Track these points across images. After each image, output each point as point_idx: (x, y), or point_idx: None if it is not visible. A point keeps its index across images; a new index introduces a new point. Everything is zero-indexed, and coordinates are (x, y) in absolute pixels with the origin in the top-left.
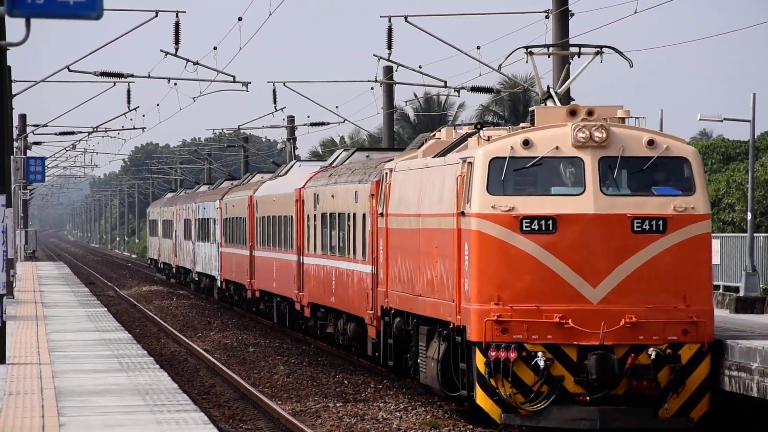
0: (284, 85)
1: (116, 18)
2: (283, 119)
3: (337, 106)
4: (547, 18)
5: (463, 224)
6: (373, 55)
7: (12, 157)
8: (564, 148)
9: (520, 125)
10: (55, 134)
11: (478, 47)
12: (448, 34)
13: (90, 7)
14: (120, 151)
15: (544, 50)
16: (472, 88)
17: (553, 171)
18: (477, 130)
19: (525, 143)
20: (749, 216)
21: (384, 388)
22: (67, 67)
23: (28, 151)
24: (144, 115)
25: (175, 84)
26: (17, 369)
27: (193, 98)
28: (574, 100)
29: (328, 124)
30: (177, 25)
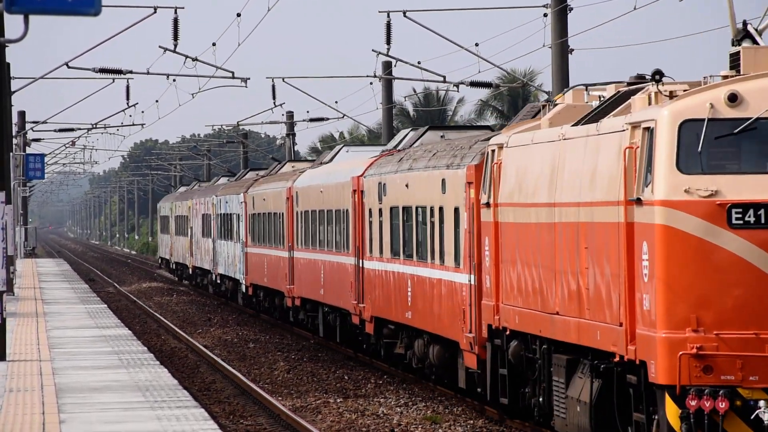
0: (283, 81)
1: (115, 14)
2: (282, 115)
3: (337, 101)
4: (545, 16)
5: (638, 216)
6: (372, 51)
7: (11, 154)
8: None
9: (720, 73)
10: (55, 131)
11: (476, 44)
12: (446, 30)
13: (88, 4)
14: (119, 147)
15: None
16: (471, 83)
17: None
18: (652, 80)
19: (731, 99)
20: None
21: (384, 383)
22: (66, 64)
23: (27, 147)
24: (143, 112)
25: (174, 80)
26: (17, 366)
27: (192, 94)
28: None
29: (328, 119)
30: (176, 21)
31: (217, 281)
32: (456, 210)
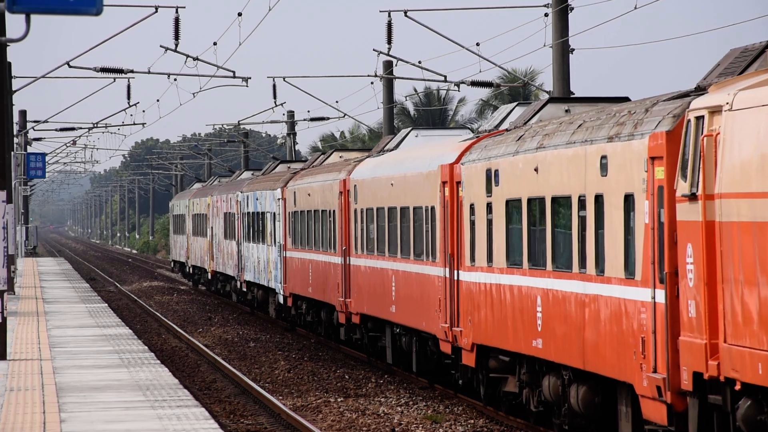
0: (284, 80)
1: (116, 14)
2: (283, 114)
3: (337, 101)
4: (546, 16)
5: None
6: (373, 50)
7: (12, 153)
8: None
9: None
10: (56, 130)
11: (477, 44)
12: (447, 29)
13: (89, 3)
14: (120, 146)
15: None
16: (472, 83)
17: None
18: None
19: None
20: None
21: (385, 383)
22: (67, 63)
23: (28, 147)
24: (144, 111)
25: (175, 79)
26: (18, 365)
27: (193, 94)
28: None
29: (328, 119)
30: (177, 21)
31: (243, 289)
32: (627, 198)
